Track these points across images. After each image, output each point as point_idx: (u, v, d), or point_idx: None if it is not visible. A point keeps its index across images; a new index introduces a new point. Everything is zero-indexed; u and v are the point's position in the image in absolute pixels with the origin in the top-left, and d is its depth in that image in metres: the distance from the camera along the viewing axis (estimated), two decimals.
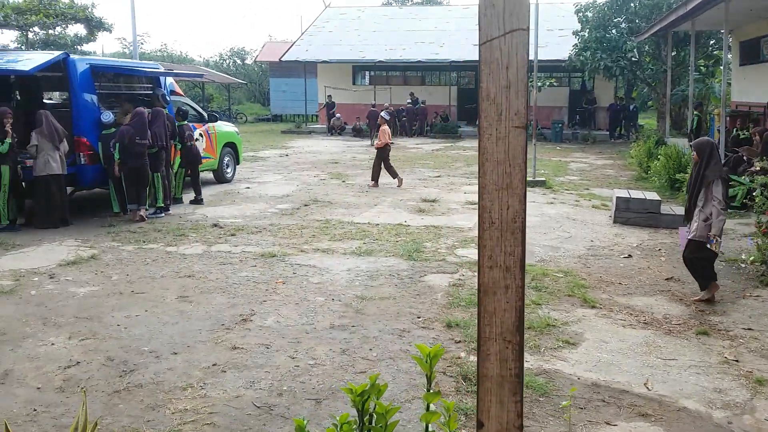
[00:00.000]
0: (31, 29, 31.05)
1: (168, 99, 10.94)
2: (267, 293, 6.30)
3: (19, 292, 6.26)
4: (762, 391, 4.37)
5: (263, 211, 10.58)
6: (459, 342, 5.09)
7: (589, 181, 14.20)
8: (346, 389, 1.75)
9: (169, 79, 12.51)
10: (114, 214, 9.88)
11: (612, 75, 23.50)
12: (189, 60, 51.09)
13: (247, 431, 3.79)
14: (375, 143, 14.13)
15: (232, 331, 5.32)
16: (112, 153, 9.52)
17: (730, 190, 8.78)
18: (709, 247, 5.98)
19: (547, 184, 13.16)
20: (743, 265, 7.11)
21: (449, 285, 6.58)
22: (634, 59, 22.87)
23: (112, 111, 9.90)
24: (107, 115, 9.66)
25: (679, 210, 9.01)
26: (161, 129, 9.93)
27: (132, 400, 4.12)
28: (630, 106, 26.46)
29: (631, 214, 9.55)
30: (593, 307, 5.98)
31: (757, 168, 8.35)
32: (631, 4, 23.33)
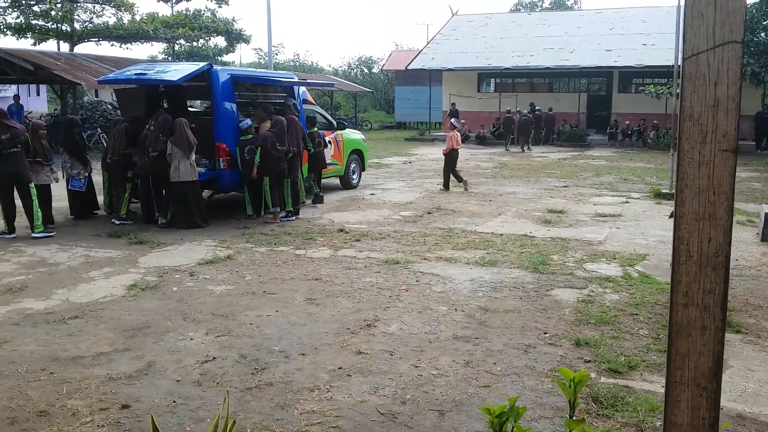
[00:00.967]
0: (177, 42, 33.49)
1: (298, 107, 11.35)
2: (390, 300, 6.35)
3: (163, 288, 6.72)
4: None
5: (387, 217, 10.72)
6: (589, 362, 4.86)
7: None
8: (483, 409, 1.70)
9: (302, 88, 12.99)
10: (247, 217, 10.38)
11: (760, 81, 21.76)
12: (319, 69, 53.00)
13: None
14: (443, 149, 14.00)
15: (357, 335, 5.40)
16: (248, 158, 10.02)
17: None
18: None
19: None
20: None
21: (578, 301, 6.32)
22: None
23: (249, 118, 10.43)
24: (246, 122, 10.17)
25: None
26: (295, 136, 10.33)
27: (263, 397, 4.28)
28: None
29: None
30: (738, 332, 5.52)
31: None
32: None
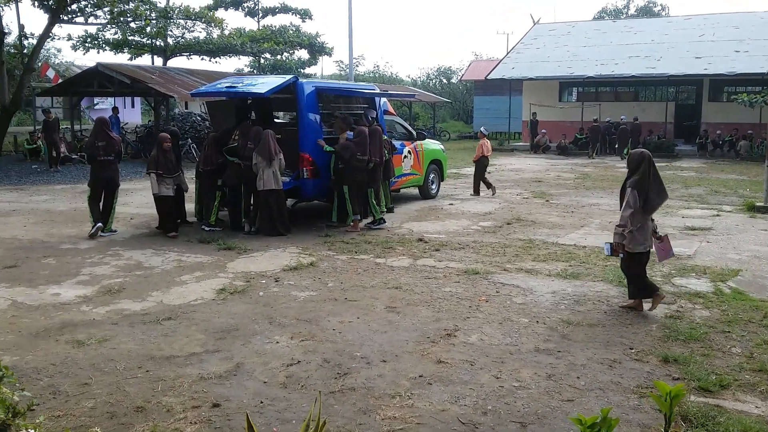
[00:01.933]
0: (262, 55, 34.63)
1: (369, 118, 11.46)
2: (470, 310, 6.35)
3: (250, 293, 6.97)
4: None
5: (466, 227, 10.70)
6: (677, 379, 4.71)
7: None
8: (575, 419, 1.72)
9: (383, 99, 13.17)
10: (330, 223, 10.60)
11: None
12: (398, 80, 53.46)
13: None
14: (473, 156, 14.03)
15: (437, 344, 5.43)
16: (338, 167, 10.28)
17: None
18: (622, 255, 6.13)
19: None
20: None
21: (666, 316, 6.12)
22: None
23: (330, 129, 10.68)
24: (350, 135, 10.39)
25: None
26: (377, 146, 10.48)
27: (345, 402, 4.38)
28: None
29: None
30: None
31: None
32: None
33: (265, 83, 10.40)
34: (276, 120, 13.42)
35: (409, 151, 12.90)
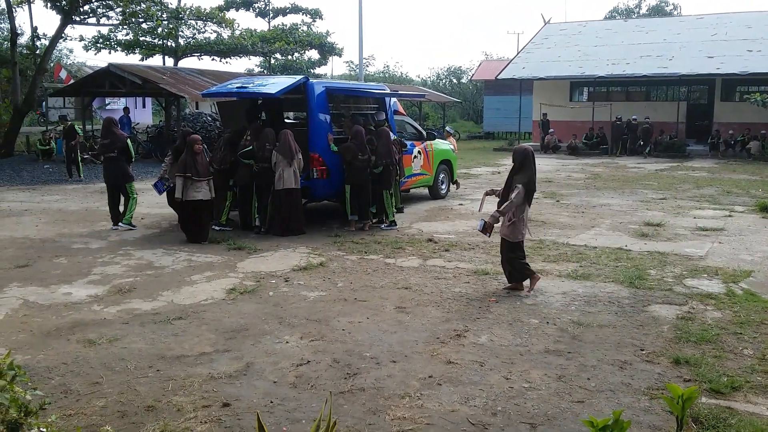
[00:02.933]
0: (273, 56, 34.72)
1: (377, 119, 11.43)
2: (480, 311, 6.34)
3: (260, 293, 6.99)
4: None
5: (476, 228, 10.65)
6: (689, 381, 4.68)
7: None
8: (586, 422, 1.71)
9: (393, 99, 13.16)
10: (349, 222, 10.56)
11: None
12: (408, 80, 53.44)
13: None
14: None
15: (447, 345, 5.43)
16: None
17: None
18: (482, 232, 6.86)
19: None
20: None
21: (677, 317, 6.08)
22: None
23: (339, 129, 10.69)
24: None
25: None
26: (387, 147, 10.47)
27: (355, 402, 4.39)
28: None
29: None
30: None
31: None
32: None
33: (276, 83, 10.42)
34: (286, 120, 13.45)
35: (419, 151, 12.89)
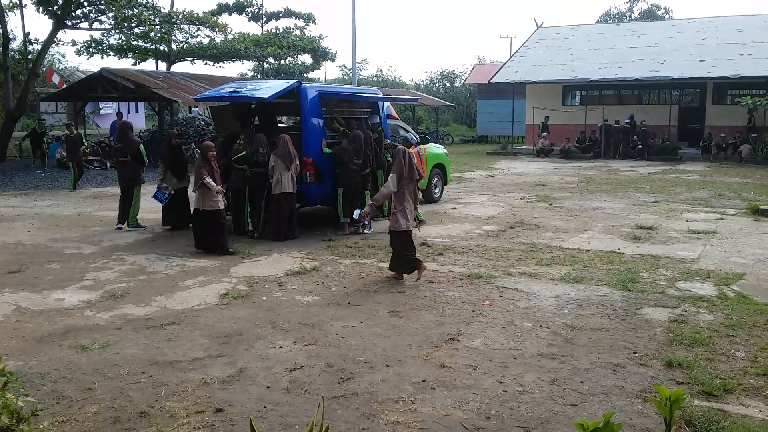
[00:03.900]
0: (266, 60, 34.71)
1: (369, 123, 11.49)
2: (474, 314, 6.34)
3: (253, 297, 6.98)
4: None
5: (469, 231, 10.69)
6: (681, 383, 4.70)
7: None
8: (577, 425, 1.72)
9: (386, 103, 13.18)
10: (341, 225, 10.54)
11: None
12: (402, 84, 53.53)
13: None
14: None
15: (441, 349, 5.43)
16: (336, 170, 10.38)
17: None
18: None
19: None
20: None
21: (669, 320, 6.11)
22: None
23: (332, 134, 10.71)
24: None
25: None
26: (371, 152, 10.54)
27: (349, 406, 4.38)
28: None
29: None
30: None
31: None
32: None
33: (269, 88, 10.42)
34: (279, 124, 13.44)
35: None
